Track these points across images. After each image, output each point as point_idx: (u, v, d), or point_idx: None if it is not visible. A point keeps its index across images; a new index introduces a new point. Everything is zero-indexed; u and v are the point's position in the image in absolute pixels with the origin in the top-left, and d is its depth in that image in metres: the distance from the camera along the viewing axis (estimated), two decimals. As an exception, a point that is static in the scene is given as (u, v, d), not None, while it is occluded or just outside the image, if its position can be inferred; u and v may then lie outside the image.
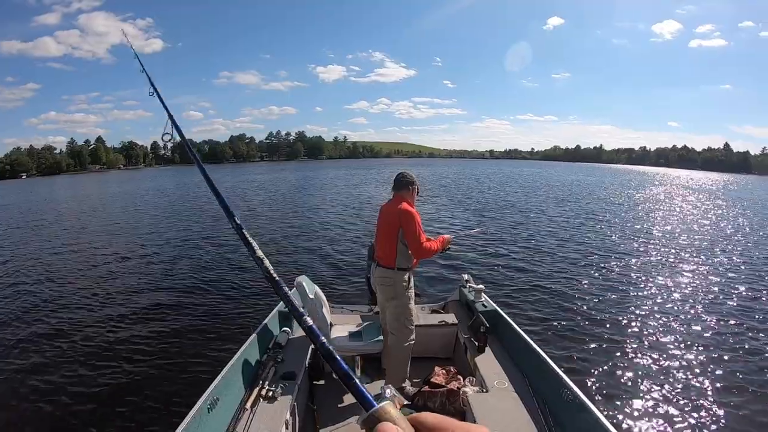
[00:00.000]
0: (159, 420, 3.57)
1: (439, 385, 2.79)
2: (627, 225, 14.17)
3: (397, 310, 2.99)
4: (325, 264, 8.74)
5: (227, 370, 2.44)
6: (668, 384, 4.14)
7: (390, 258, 2.95)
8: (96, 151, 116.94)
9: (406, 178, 3.04)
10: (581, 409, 2.13)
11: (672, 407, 3.76)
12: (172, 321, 5.85)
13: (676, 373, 4.36)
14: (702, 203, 23.76)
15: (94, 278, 8.29)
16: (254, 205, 20.31)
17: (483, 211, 17.16)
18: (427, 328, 3.49)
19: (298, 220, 15.15)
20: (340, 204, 19.97)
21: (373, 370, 3.31)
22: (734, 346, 4.99)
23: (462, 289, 3.93)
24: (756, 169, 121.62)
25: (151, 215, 17.87)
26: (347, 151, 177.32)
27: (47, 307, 6.61)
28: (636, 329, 5.43)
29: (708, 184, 45.83)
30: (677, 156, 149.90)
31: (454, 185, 32.11)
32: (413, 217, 2.88)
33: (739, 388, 4.10)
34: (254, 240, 0.80)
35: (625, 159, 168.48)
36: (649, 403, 3.81)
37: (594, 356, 4.68)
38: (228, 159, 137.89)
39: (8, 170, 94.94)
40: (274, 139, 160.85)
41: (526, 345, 2.85)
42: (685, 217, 17.09)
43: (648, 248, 10.40)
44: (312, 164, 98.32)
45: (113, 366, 4.61)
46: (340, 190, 27.86)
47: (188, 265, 8.92)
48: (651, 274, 8.06)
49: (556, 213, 16.75)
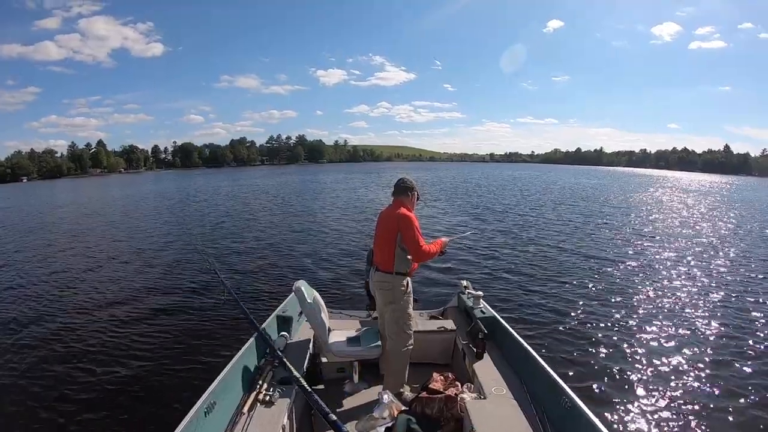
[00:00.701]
0: (155, 423, 3.57)
1: (437, 391, 2.78)
2: (626, 229, 14.16)
3: (395, 314, 3.01)
4: (323, 269, 8.74)
5: (225, 373, 2.44)
6: (667, 391, 4.12)
7: (388, 263, 2.96)
8: (97, 155, 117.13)
9: (405, 183, 3.07)
10: (579, 416, 2.12)
11: (671, 414, 3.75)
12: (169, 324, 5.85)
13: (675, 380, 4.35)
14: (700, 206, 23.74)
15: (93, 281, 8.30)
16: (254, 209, 20.33)
17: (481, 216, 17.20)
18: (426, 334, 3.49)
19: (296, 224, 15.16)
20: (339, 208, 19.99)
21: (371, 376, 3.31)
22: (733, 351, 4.98)
23: (461, 296, 3.93)
24: (756, 171, 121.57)
25: (151, 219, 17.89)
26: (348, 155, 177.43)
27: (45, 310, 6.62)
28: (635, 336, 5.41)
29: (707, 187, 45.77)
30: (677, 158, 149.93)
31: (452, 189, 32.13)
32: (411, 221, 2.90)
33: (739, 393, 4.09)
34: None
35: (626, 161, 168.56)
36: (648, 411, 3.80)
37: (592, 363, 4.67)
38: (229, 163, 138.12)
39: (9, 174, 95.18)
40: (274, 143, 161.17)
41: (524, 352, 2.84)
42: (684, 220, 17.06)
43: (647, 253, 10.39)
44: (312, 168, 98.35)
45: (110, 369, 4.61)
46: (339, 194, 27.90)
47: (187, 269, 8.93)
48: (650, 279, 8.05)
49: (555, 217, 16.75)
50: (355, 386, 3.25)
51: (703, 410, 3.82)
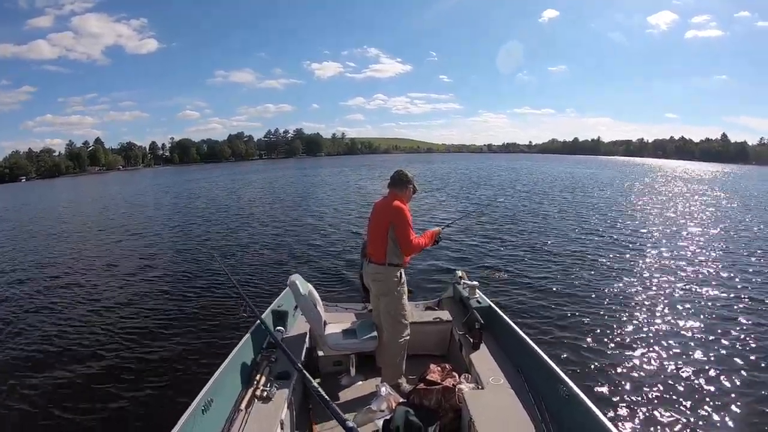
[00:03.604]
0: (152, 421, 3.56)
1: (434, 383, 2.77)
2: (623, 218, 14.09)
3: (389, 306, 3.01)
4: (318, 262, 8.71)
5: (221, 370, 2.44)
6: (664, 378, 4.13)
7: (381, 254, 2.96)
8: (95, 153, 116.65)
9: (402, 176, 3.07)
10: (577, 405, 2.13)
11: (668, 401, 3.76)
12: (165, 321, 5.83)
13: (672, 366, 4.35)
14: (701, 195, 23.70)
15: (89, 277, 8.32)
16: (249, 204, 20.25)
17: (478, 203, 17.26)
18: (422, 326, 3.49)
19: (291, 218, 15.10)
20: (334, 201, 19.89)
21: (368, 369, 3.31)
22: (732, 341, 4.95)
23: (456, 286, 3.92)
24: (754, 159, 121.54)
25: (150, 216, 17.83)
26: (345, 148, 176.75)
27: (42, 309, 6.62)
28: (632, 323, 5.41)
29: (705, 176, 45.65)
30: (675, 147, 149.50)
31: (449, 179, 32.00)
32: (404, 214, 2.90)
33: (736, 382, 4.09)
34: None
35: (623, 151, 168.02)
36: (645, 398, 3.81)
37: (589, 351, 4.67)
38: (227, 158, 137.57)
39: (7, 174, 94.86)
40: (272, 137, 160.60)
41: (521, 341, 2.84)
42: (683, 210, 17.00)
43: (644, 242, 10.36)
44: (311, 161, 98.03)
45: (105, 367, 4.60)
46: (335, 187, 27.71)
47: (184, 266, 8.89)
48: (647, 267, 8.03)
49: (550, 206, 16.68)
50: (353, 379, 3.25)
51: (700, 397, 3.82)
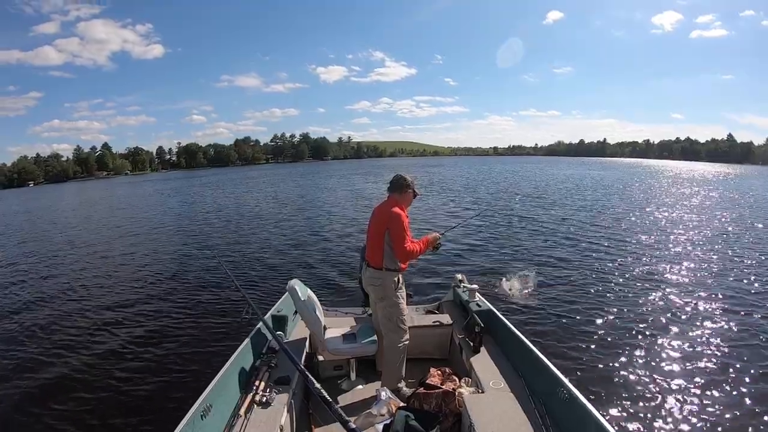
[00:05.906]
0: (151, 427, 3.56)
1: (434, 387, 2.76)
2: (625, 220, 13.90)
3: (387, 310, 3.01)
4: (317, 266, 8.68)
5: (220, 375, 2.43)
6: (665, 381, 4.07)
7: (378, 259, 2.96)
8: (102, 158, 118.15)
9: (402, 180, 3.07)
10: (578, 408, 2.11)
11: (668, 404, 3.71)
12: (164, 326, 5.80)
13: (672, 370, 4.30)
14: (706, 196, 23.42)
15: (93, 279, 8.43)
16: (252, 208, 20.30)
17: (479, 205, 17.07)
18: (422, 329, 3.48)
19: (291, 222, 15.05)
20: (335, 206, 19.83)
21: (368, 373, 3.30)
22: (733, 343, 4.86)
23: (456, 289, 3.91)
24: (760, 160, 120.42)
25: (155, 220, 17.93)
26: (352, 152, 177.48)
27: (43, 309, 6.71)
28: (632, 326, 5.33)
29: (711, 177, 45.02)
30: (680, 148, 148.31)
31: (458, 184, 31.95)
32: (400, 219, 2.90)
33: (737, 385, 4.02)
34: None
35: (629, 152, 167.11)
36: (646, 401, 3.76)
37: (590, 354, 4.62)
38: (234, 162, 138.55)
39: (16, 178, 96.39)
40: (279, 141, 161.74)
41: (521, 344, 2.83)
42: (687, 211, 16.76)
43: (646, 244, 10.20)
44: (318, 166, 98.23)
45: (104, 372, 4.59)
46: (337, 192, 27.62)
47: (185, 271, 8.88)
48: (648, 270, 7.89)
49: (552, 208, 16.50)
50: (353, 383, 3.24)
51: (701, 399, 3.77)
